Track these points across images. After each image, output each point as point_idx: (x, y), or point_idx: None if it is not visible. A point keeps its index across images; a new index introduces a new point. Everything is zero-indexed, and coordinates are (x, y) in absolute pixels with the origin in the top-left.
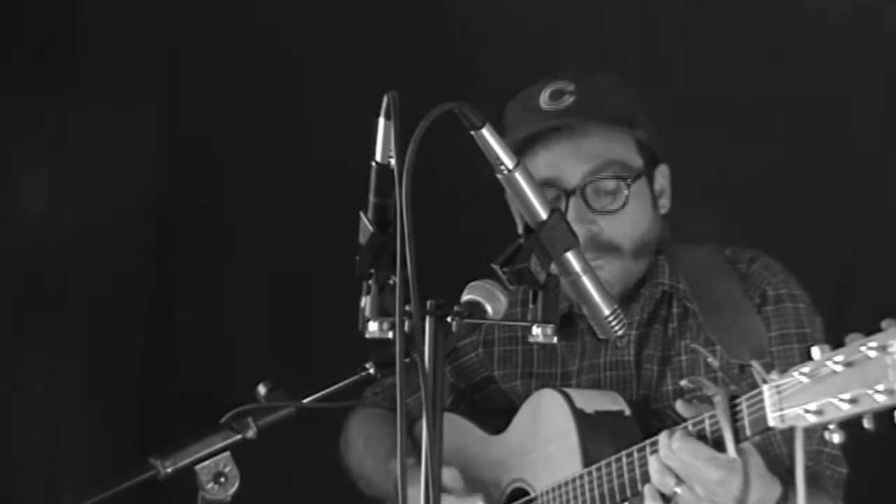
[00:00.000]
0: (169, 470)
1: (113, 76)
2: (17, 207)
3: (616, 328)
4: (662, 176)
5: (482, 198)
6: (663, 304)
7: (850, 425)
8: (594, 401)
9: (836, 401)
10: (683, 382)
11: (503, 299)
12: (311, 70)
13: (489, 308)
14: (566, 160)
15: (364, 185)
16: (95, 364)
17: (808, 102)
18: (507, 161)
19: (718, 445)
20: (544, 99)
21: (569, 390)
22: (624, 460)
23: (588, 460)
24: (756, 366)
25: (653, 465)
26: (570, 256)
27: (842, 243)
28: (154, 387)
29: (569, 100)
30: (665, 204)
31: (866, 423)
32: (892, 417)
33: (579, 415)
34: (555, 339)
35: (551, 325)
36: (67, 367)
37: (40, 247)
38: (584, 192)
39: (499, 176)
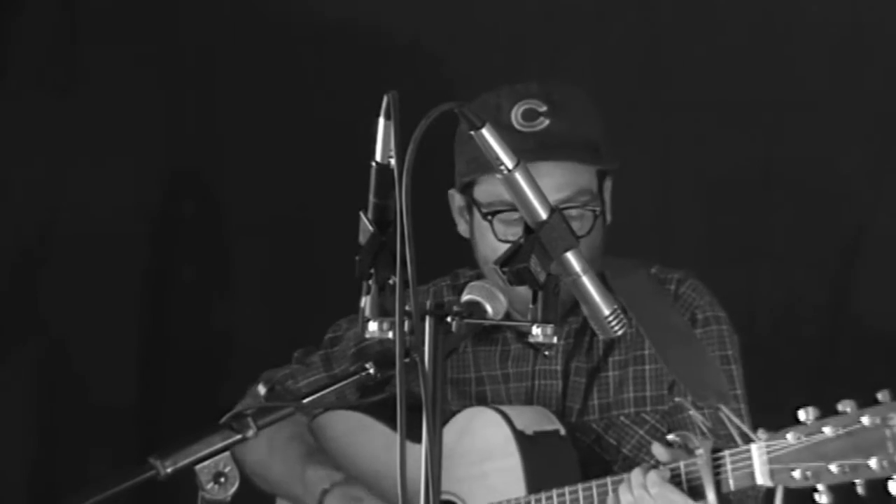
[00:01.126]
0: (169, 470)
1: (115, 74)
2: (16, 206)
3: (616, 328)
4: (607, 189)
5: None
6: None
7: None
8: (530, 420)
9: (831, 466)
10: (671, 437)
11: (503, 299)
12: (312, 68)
13: (489, 308)
14: None
15: (365, 184)
16: (95, 363)
17: (809, 103)
18: (507, 161)
19: (693, 493)
20: (517, 118)
21: (506, 409)
22: (581, 493)
23: (532, 483)
24: (730, 415)
25: (623, 499)
26: (569, 256)
27: (841, 244)
28: (154, 387)
29: (544, 122)
30: (608, 217)
31: (860, 490)
32: (886, 486)
33: (520, 436)
34: (555, 339)
35: (551, 325)
36: (67, 366)
37: (40, 245)
38: None
39: (498, 176)
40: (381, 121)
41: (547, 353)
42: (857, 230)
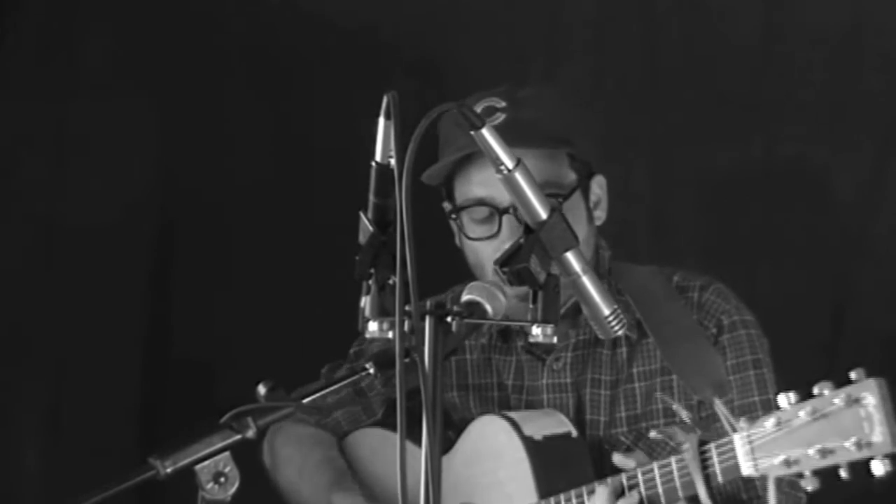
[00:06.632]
0: (169, 470)
1: (113, 76)
2: (17, 209)
3: (616, 328)
4: (599, 186)
5: None
6: None
7: (825, 473)
8: (540, 424)
9: (810, 451)
10: (653, 434)
11: (503, 299)
12: (310, 69)
13: (489, 308)
14: (496, 180)
15: (365, 184)
16: (95, 364)
17: (808, 103)
18: (507, 161)
19: (687, 489)
20: None
21: (514, 416)
22: (585, 495)
23: (543, 488)
24: (720, 406)
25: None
26: (569, 256)
27: (842, 244)
28: (154, 387)
29: (499, 117)
30: (600, 216)
31: (843, 473)
32: (869, 468)
33: (529, 442)
34: (555, 339)
35: (551, 325)
36: (67, 367)
37: (40, 247)
38: (517, 211)
39: (498, 176)
40: (381, 121)
41: (555, 367)
42: (858, 230)
